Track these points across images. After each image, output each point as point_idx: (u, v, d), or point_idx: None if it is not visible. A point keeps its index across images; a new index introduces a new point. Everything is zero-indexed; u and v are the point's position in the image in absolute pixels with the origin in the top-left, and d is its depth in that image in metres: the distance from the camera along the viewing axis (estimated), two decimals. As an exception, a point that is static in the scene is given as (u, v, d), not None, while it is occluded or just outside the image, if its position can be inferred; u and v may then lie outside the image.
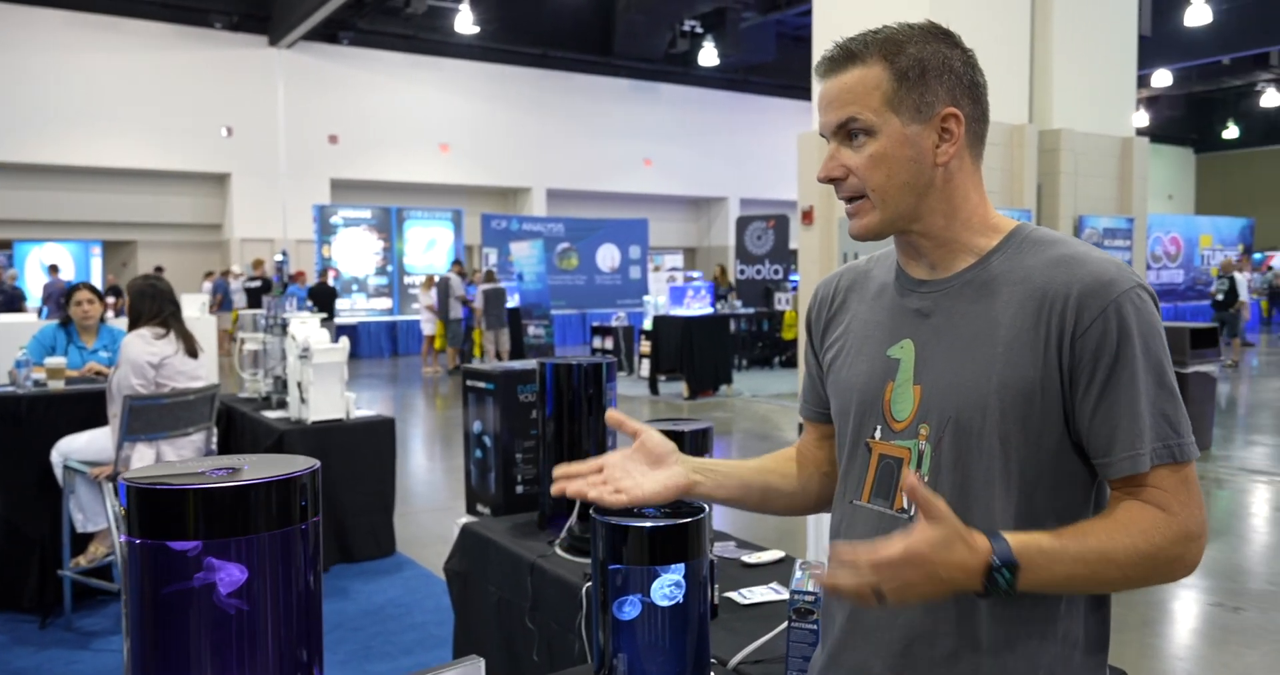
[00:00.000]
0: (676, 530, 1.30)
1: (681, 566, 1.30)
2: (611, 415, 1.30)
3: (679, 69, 20.88)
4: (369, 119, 19.04)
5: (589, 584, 1.97)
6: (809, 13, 17.02)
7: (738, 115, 23.45)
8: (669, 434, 2.07)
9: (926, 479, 1.13)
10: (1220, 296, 13.72)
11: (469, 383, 2.74)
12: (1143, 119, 19.82)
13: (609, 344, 12.05)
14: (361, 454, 4.32)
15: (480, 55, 19.70)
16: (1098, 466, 1.08)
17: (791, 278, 14.38)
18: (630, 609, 1.33)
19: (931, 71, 1.10)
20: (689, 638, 1.36)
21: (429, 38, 18.70)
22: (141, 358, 3.53)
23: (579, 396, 2.37)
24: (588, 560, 2.14)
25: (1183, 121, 25.61)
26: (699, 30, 18.01)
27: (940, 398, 1.12)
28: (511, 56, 19.99)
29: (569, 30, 19.24)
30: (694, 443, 2.09)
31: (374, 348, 16.35)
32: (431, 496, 6.12)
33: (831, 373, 1.27)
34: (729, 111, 23.32)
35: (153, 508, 1.00)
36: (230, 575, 1.01)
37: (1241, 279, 16.26)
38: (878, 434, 1.19)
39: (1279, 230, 26.02)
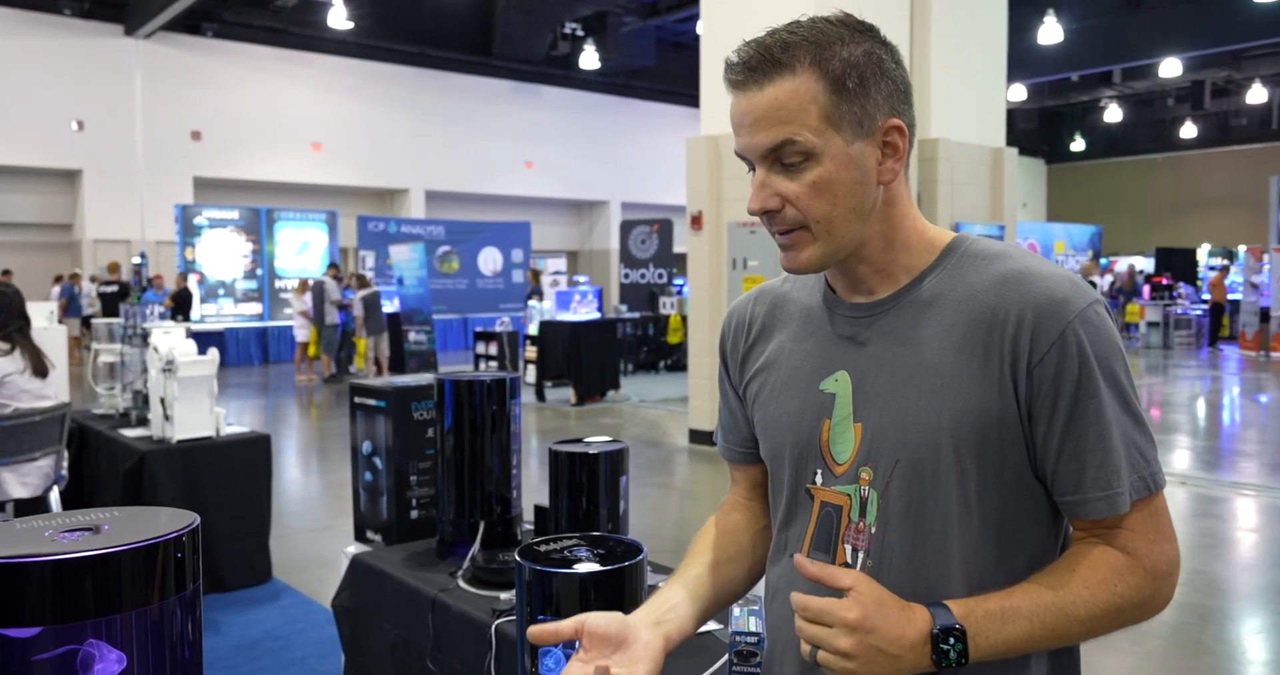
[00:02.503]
0: (611, 577, 1.18)
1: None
2: (535, 633, 1.01)
3: (560, 71, 20.74)
4: (235, 115, 18.14)
5: (499, 620, 1.82)
6: (689, 19, 17.29)
7: (619, 119, 23.46)
8: (581, 456, 1.96)
9: (874, 529, 1.00)
10: None
11: (357, 400, 2.54)
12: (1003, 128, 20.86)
13: (493, 350, 11.79)
14: (234, 474, 4.01)
15: (354, 52, 19.05)
16: (1063, 505, 0.98)
17: (676, 282, 14.43)
18: (555, 664, 1.19)
19: (870, 78, 0.96)
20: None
21: (299, 32, 17.97)
22: (-22, 376, 3.17)
23: (481, 414, 2.22)
24: (494, 593, 1.99)
25: (1035, 134, 27.05)
26: (580, 33, 17.93)
27: (885, 437, 0.99)
28: (387, 54, 19.41)
29: (447, 29, 18.82)
30: (609, 465, 1.98)
31: (243, 355, 15.55)
32: (309, 516, 5.79)
33: (758, 409, 1.13)
34: (610, 115, 23.31)
35: (-13, 586, 0.81)
36: (101, 666, 0.83)
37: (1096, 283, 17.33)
38: (819, 478, 1.04)
39: (1122, 237, 27.85)
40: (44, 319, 4.32)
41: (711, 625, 1.78)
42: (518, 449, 2.29)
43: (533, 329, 10.87)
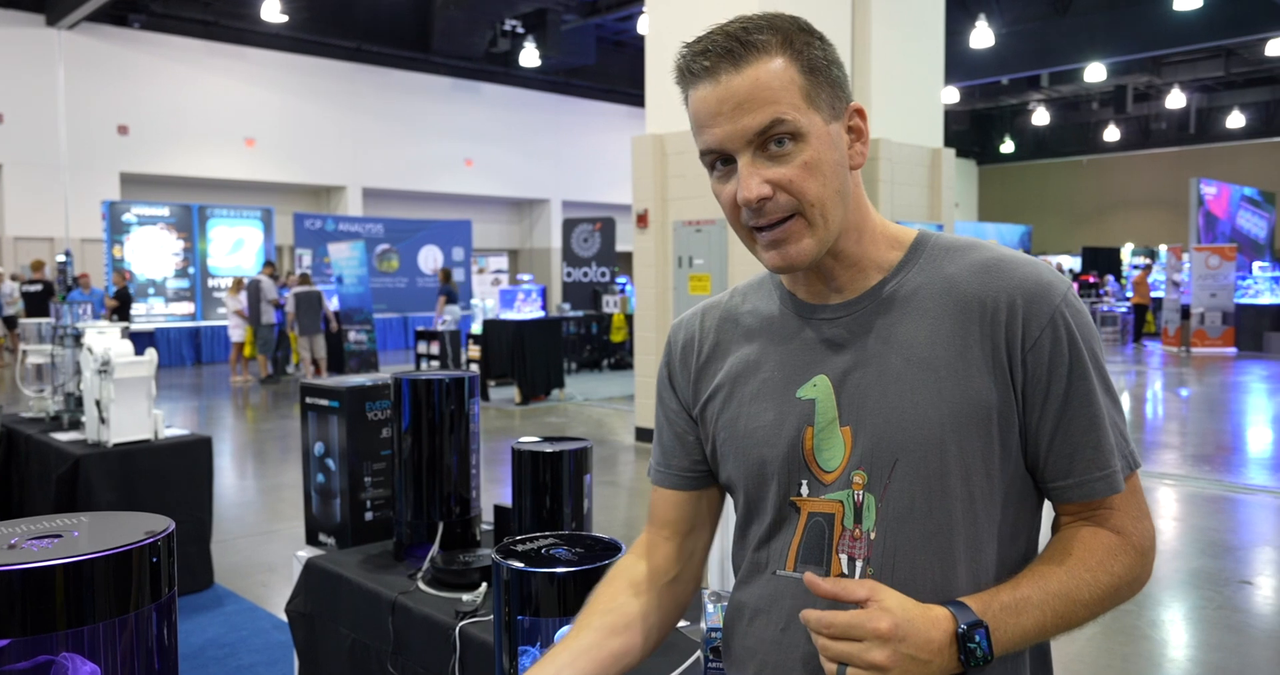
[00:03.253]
0: (590, 576, 1.17)
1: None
2: None
3: (500, 69, 20.59)
4: (165, 109, 17.63)
5: (464, 622, 1.80)
6: (629, 18, 17.31)
7: (560, 117, 23.38)
8: (546, 455, 1.94)
9: (873, 534, 0.96)
10: None
11: (309, 400, 2.49)
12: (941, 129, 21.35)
13: (434, 349, 11.66)
14: (173, 478, 3.90)
15: (289, 46, 18.66)
16: (1053, 490, 0.98)
17: (619, 280, 14.44)
18: (530, 662, 1.18)
19: (833, 63, 0.97)
20: None
21: (231, 25, 17.54)
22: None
23: (439, 412, 2.19)
24: (456, 595, 1.97)
25: (967, 136, 27.70)
26: (520, 30, 17.82)
27: (880, 438, 0.96)
28: (323, 49, 19.05)
29: (385, 24, 18.53)
30: (573, 464, 1.97)
31: (174, 356, 15.12)
32: (249, 521, 5.65)
33: (723, 428, 1.06)
34: (551, 113, 23.21)
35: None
36: (69, 671, 0.80)
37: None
38: (804, 490, 1.00)
39: (1049, 236, 28.67)
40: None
41: (681, 623, 1.78)
42: (477, 448, 2.26)
43: (476, 328, 10.78)
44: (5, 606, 0.78)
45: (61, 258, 15.65)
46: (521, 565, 1.14)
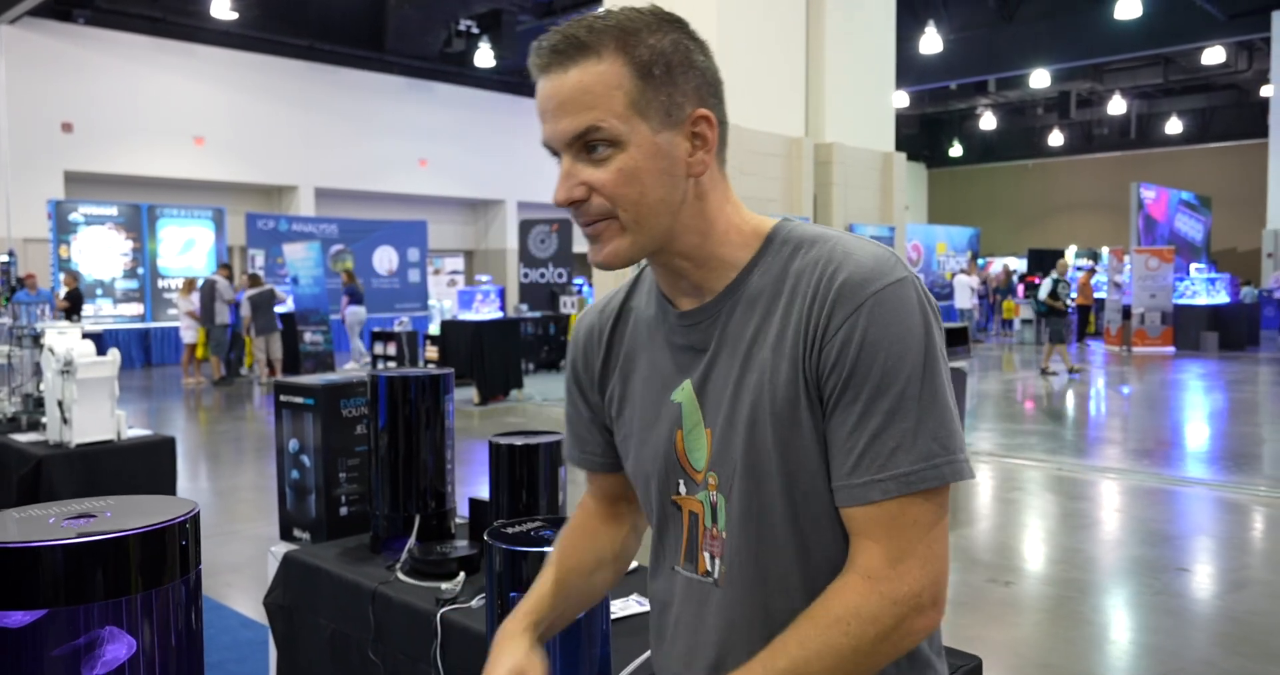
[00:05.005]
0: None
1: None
2: None
3: (455, 69, 20.51)
4: (110, 107, 17.27)
5: (443, 609, 1.87)
6: (586, 20, 17.33)
7: (515, 118, 23.33)
8: (522, 448, 2.02)
9: (725, 534, 1.00)
10: (1042, 296, 12.78)
11: (283, 398, 2.53)
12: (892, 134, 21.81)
13: (391, 350, 11.61)
14: (137, 479, 3.88)
15: (239, 43, 18.40)
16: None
17: (575, 281, 14.50)
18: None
19: (677, 66, 0.94)
20: (588, 656, 1.32)
21: (179, 22, 17.25)
22: None
23: (415, 409, 2.25)
24: (434, 584, 2.03)
25: (916, 139, 28.21)
26: (475, 31, 17.78)
27: (725, 441, 0.98)
28: (274, 47, 18.81)
29: (338, 23, 18.37)
30: (548, 457, 2.05)
31: (124, 358, 14.73)
32: (209, 521, 5.62)
33: (621, 427, 1.11)
34: (506, 114, 23.16)
35: (1, 570, 0.84)
36: (108, 646, 0.87)
37: (965, 280, 18.16)
38: (682, 488, 1.04)
39: (997, 238, 29.31)
40: (-81, 320, 4.09)
41: (641, 601, 1.87)
42: (451, 444, 2.33)
43: (434, 329, 10.77)
44: (48, 579, 0.84)
45: (4, 258, 15.26)
46: (516, 546, 1.22)
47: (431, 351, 10.74)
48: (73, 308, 12.49)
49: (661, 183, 0.94)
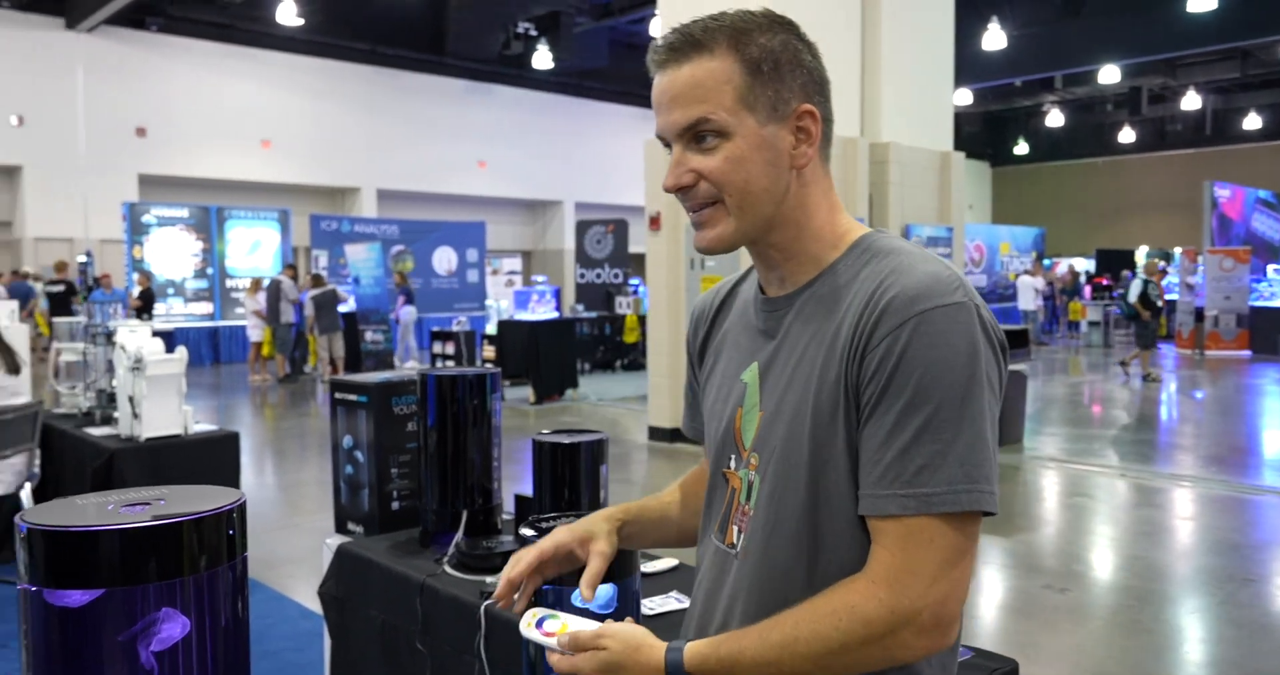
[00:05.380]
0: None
1: (612, 587, 1.26)
2: (503, 599, 1.17)
3: (514, 71, 20.73)
4: (182, 111, 17.84)
5: (487, 602, 1.91)
6: (642, 20, 17.41)
7: (573, 119, 23.51)
8: (564, 447, 2.06)
9: (752, 513, 1.05)
10: (1131, 299, 12.00)
11: (338, 395, 2.60)
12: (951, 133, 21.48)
13: (450, 349, 11.79)
14: (202, 472, 4.02)
15: (304, 49, 18.86)
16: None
17: (631, 282, 14.55)
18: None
19: (785, 64, 1.00)
20: None
21: (248, 28, 17.75)
22: (-50, 374, 3.16)
23: (463, 407, 2.30)
24: (480, 577, 2.08)
25: (980, 137, 27.72)
26: (533, 33, 17.95)
27: (770, 426, 1.04)
28: (338, 51, 19.25)
29: (399, 27, 18.71)
30: (589, 455, 2.08)
31: (194, 355, 15.28)
32: (273, 515, 5.79)
33: (704, 398, 1.20)
34: (564, 115, 23.35)
35: (62, 553, 0.89)
36: (163, 624, 0.92)
37: (1029, 281, 17.77)
38: (732, 463, 1.11)
39: (1064, 239, 28.62)
40: (4, 318, 4.29)
41: (680, 598, 1.89)
42: (498, 442, 2.38)
43: (491, 328, 10.91)
44: (106, 561, 0.90)
45: (82, 258, 15.87)
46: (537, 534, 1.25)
47: (489, 351, 10.88)
48: (145, 306, 12.93)
49: (766, 172, 1.00)
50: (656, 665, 0.98)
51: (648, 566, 2.12)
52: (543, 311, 11.50)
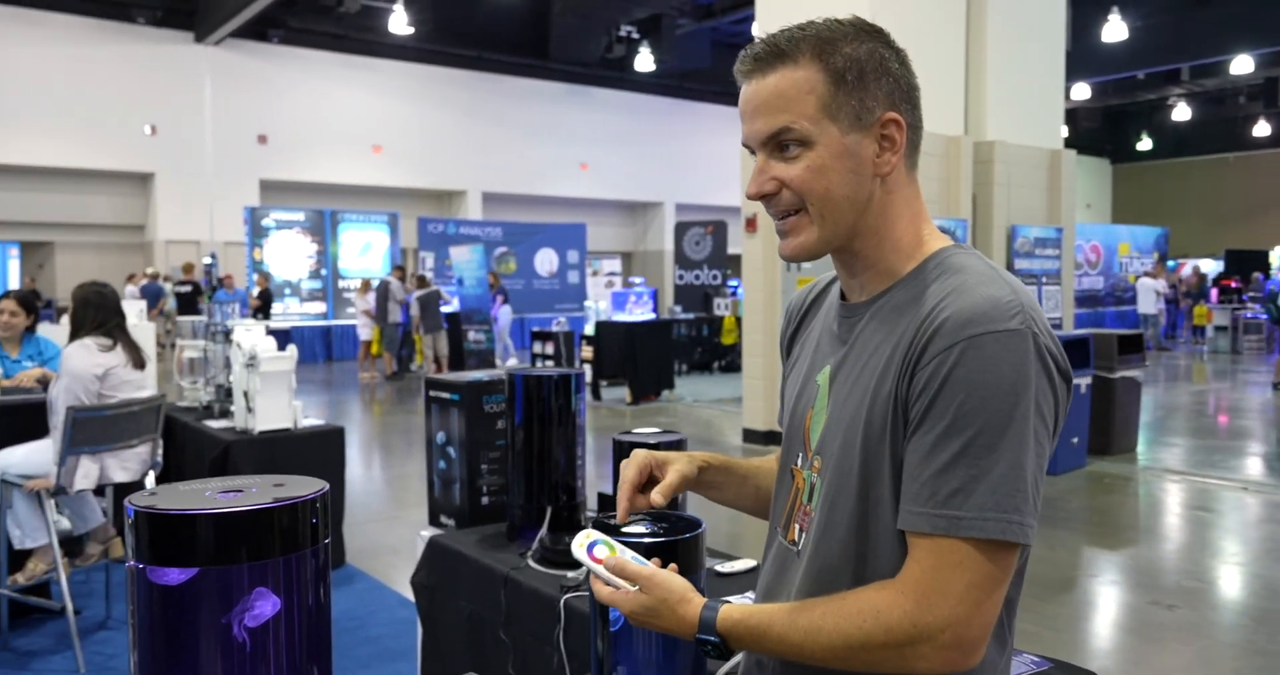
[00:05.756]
0: (674, 546, 1.31)
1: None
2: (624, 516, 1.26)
3: (615, 74, 20.93)
4: (299, 119, 18.66)
5: (566, 595, 1.97)
6: (744, 20, 17.36)
7: (673, 121, 23.59)
8: (640, 445, 2.10)
9: (813, 514, 1.08)
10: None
11: (432, 393, 2.71)
12: (1064, 130, 20.64)
13: (549, 349, 12.00)
14: (310, 464, 4.23)
15: (414, 56, 19.47)
16: None
17: (730, 283, 14.51)
18: (619, 615, 1.33)
19: (870, 73, 1.01)
20: (685, 650, 1.38)
21: (361, 37, 18.42)
22: (85, 369, 3.42)
23: (549, 407, 2.37)
24: (561, 572, 2.14)
25: (1099, 133, 26.57)
26: (635, 36, 18.09)
27: (832, 431, 1.06)
28: (446, 58, 19.80)
29: (504, 33, 19.13)
30: (669, 454, 2.12)
31: (308, 353, 16.00)
32: (377, 506, 6.02)
33: (785, 393, 1.23)
34: (665, 117, 23.45)
35: (163, 534, 0.98)
36: (256, 602, 1.00)
37: (1149, 284, 16.94)
38: (799, 461, 1.14)
39: (1190, 238, 27.18)
40: (134, 316, 4.59)
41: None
42: (582, 441, 2.44)
43: (589, 329, 11.06)
44: (201, 542, 0.98)
45: (207, 260, 16.78)
46: (616, 537, 1.29)
47: (587, 351, 11.03)
48: (264, 306, 13.58)
49: (848, 181, 1.01)
50: (691, 619, 1.04)
51: (724, 566, 2.15)
52: (640, 313, 11.60)
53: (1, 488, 3.49)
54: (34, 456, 3.52)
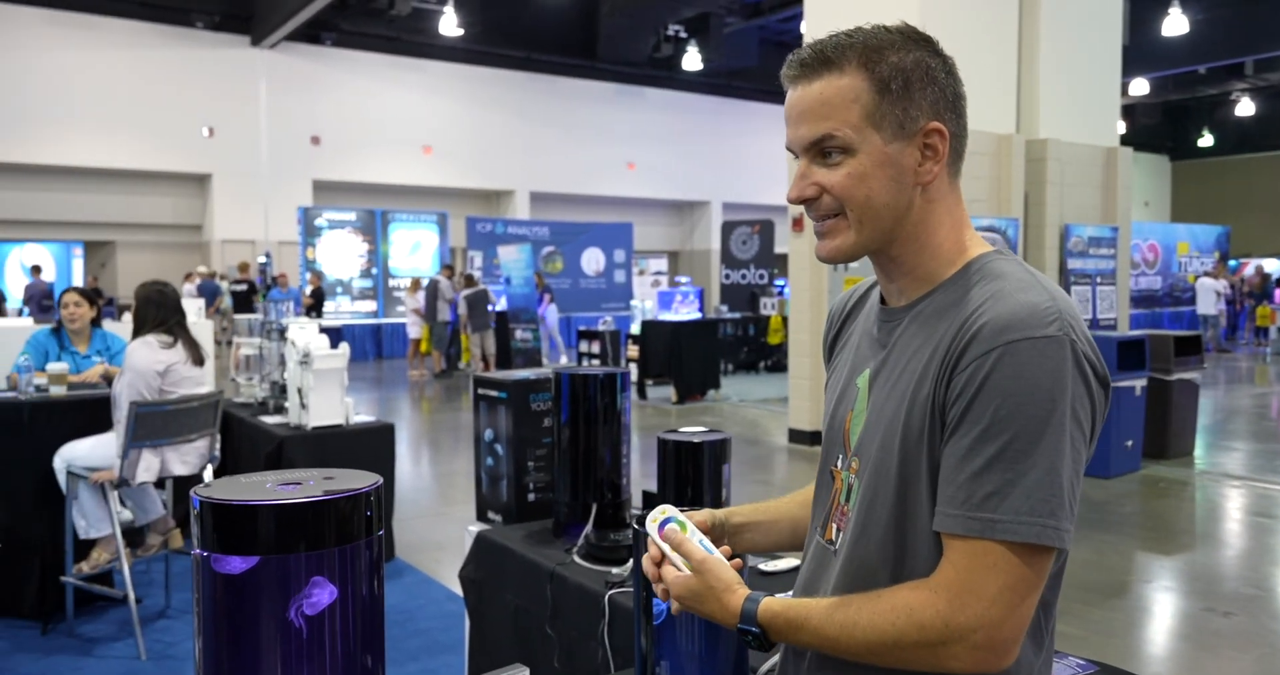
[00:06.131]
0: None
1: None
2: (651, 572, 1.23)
3: (663, 73, 20.95)
4: (351, 120, 18.97)
5: (612, 591, 2.00)
6: (792, 18, 17.27)
7: (721, 119, 23.54)
8: (686, 445, 2.12)
9: (851, 514, 1.09)
10: None
11: (480, 391, 2.76)
12: (1120, 126, 20.20)
13: (595, 348, 12.06)
14: (361, 460, 4.31)
15: (464, 57, 19.68)
16: None
17: (776, 282, 14.45)
18: (662, 606, 1.36)
19: (915, 83, 1.02)
20: (727, 644, 1.39)
21: (412, 39, 18.67)
22: (147, 366, 3.53)
23: (595, 405, 2.40)
24: (607, 568, 2.17)
25: (1159, 129, 25.95)
26: (683, 35, 18.09)
27: (870, 434, 1.08)
28: (495, 59, 19.99)
29: (553, 33, 19.26)
30: (712, 454, 2.13)
31: (358, 351, 16.26)
32: (425, 502, 6.11)
33: (826, 395, 1.25)
34: (712, 116, 23.41)
35: (227, 523, 1.02)
36: (314, 591, 1.03)
37: (1209, 284, 16.49)
38: (839, 462, 1.16)
39: (1253, 237, 26.41)
40: (192, 314, 4.72)
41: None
42: (628, 439, 2.46)
43: (635, 328, 11.10)
44: (262, 532, 1.02)
45: (262, 259, 17.14)
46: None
47: (632, 350, 11.06)
48: (317, 304, 13.84)
49: (888, 188, 1.03)
50: (734, 608, 1.08)
51: (767, 565, 2.16)
52: (686, 312, 11.60)
53: (68, 479, 3.62)
54: (98, 450, 3.65)
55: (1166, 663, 3.59)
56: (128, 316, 4.59)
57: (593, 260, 18.88)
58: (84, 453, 3.64)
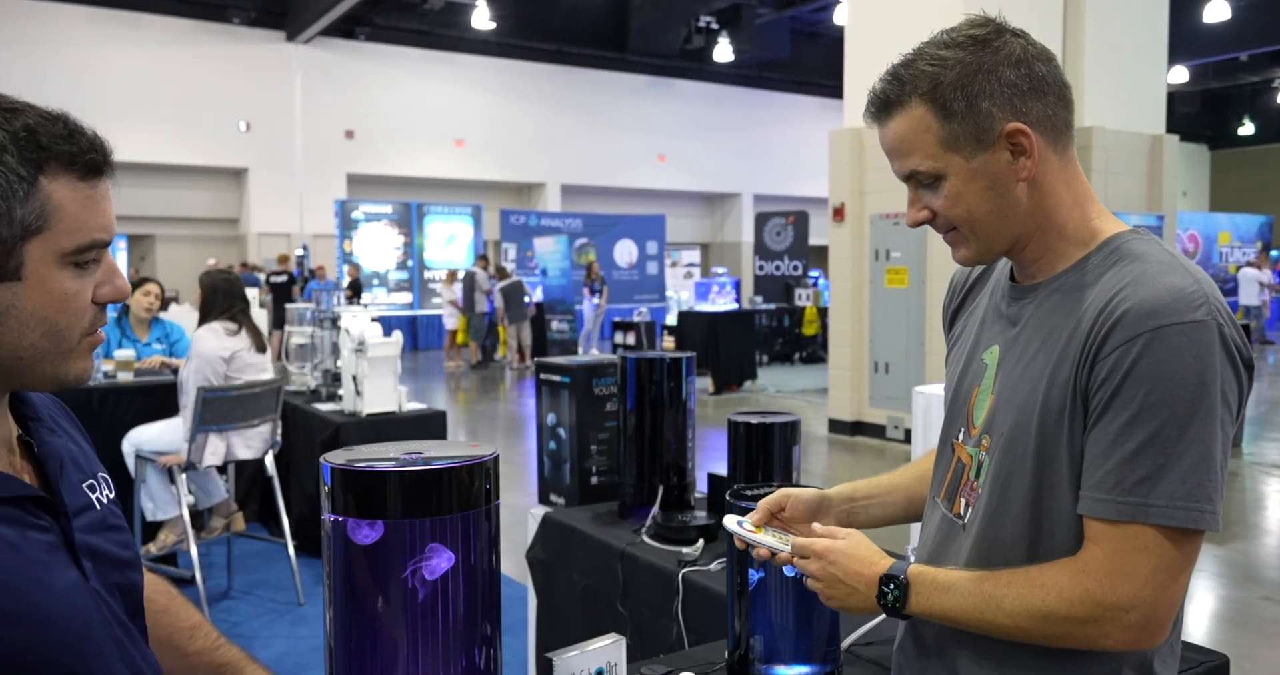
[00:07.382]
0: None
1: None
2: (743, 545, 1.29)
3: (694, 65, 20.90)
4: (385, 114, 19.10)
5: (685, 570, 2.04)
6: (824, 9, 17.17)
7: (752, 111, 23.44)
8: (757, 426, 2.15)
9: (982, 491, 1.11)
10: None
11: (543, 376, 2.80)
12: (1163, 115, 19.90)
13: (631, 339, 12.11)
14: (414, 446, 4.38)
15: (496, 51, 19.75)
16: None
17: (811, 274, 14.42)
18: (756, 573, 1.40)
19: (978, 93, 1.03)
20: (820, 620, 1.42)
21: (445, 33, 18.76)
22: (214, 352, 3.61)
23: (661, 389, 2.43)
24: (676, 548, 2.20)
25: (1198, 118, 25.48)
26: (714, 27, 18.03)
27: (1001, 412, 1.09)
28: (527, 52, 20.04)
29: (584, 26, 19.27)
30: (783, 435, 2.16)
31: (394, 342, 16.42)
32: (469, 489, 6.17)
33: (947, 365, 1.27)
34: (744, 107, 23.33)
35: (359, 489, 1.06)
36: (434, 556, 1.08)
37: (1252, 274, 16.21)
38: (960, 436, 1.18)
39: (1295, 227, 25.92)
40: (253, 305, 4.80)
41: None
42: (692, 423, 2.50)
43: (671, 319, 11.13)
44: (391, 497, 1.06)
45: (300, 251, 17.34)
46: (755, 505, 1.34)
47: (669, 342, 11.10)
48: (354, 296, 13.99)
49: (986, 198, 1.06)
50: (880, 565, 1.11)
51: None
52: (723, 303, 11.62)
53: (136, 463, 3.71)
54: (165, 434, 3.74)
55: (1221, 649, 3.57)
56: (174, 307, 4.69)
57: (625, 252, 18.90)
58: (152, 437, 3.74)
